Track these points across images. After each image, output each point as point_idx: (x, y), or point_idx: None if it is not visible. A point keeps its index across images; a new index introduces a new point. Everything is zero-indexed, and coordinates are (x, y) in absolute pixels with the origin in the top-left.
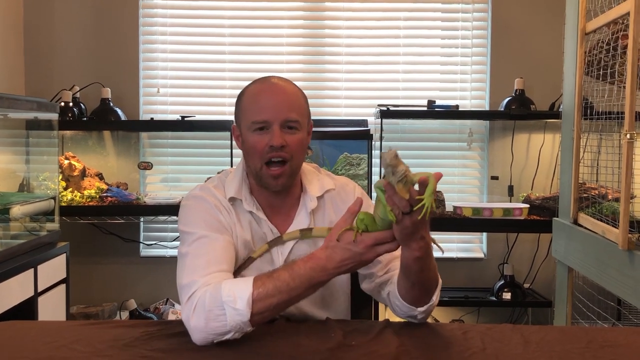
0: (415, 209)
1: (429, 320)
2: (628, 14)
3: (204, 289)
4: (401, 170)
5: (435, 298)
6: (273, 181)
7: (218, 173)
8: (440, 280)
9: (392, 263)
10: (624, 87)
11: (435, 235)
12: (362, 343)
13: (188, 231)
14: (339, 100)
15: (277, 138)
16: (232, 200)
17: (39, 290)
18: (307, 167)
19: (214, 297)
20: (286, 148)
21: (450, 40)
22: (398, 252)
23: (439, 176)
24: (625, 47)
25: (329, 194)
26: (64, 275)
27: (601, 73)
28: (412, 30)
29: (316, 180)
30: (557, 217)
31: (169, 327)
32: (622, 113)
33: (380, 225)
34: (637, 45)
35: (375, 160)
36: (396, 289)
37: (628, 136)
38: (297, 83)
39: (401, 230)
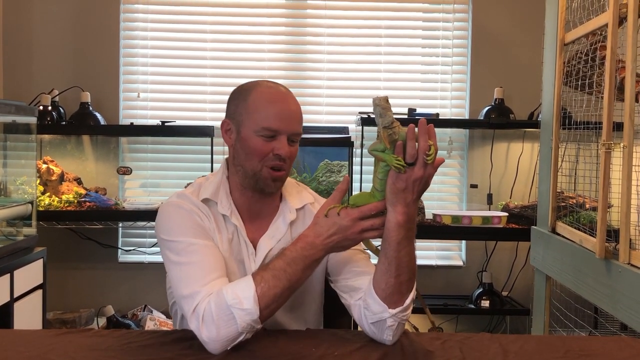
0: (430, 153)
1: (408, 327)
2: (606, 25)
3: (207, 298)
4: (389, 116)
5: (409, 303)
6: (272, 183)
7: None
8: (415, 289)
9: (362, 275)
10: (602, 97)
11: (415, 242)
12: (344, 353)
13: (174, 240)
14: (320, 107)
15: (286, 149)
16: (206, 201)
17: (15, 295)
18: (289, 180)
19: (219, 305)
20: (287, 159)
21: (431, 49)
22: (370, 269)
23: (430, 126)
24: (604, 58)
25: (308, 207)
26: (40, 281)
27: (580, 83)
28: (393, 38)
29: (296, 192)
30: (536, 225)
31: (145, 336)
32: (600, 123)
33: (379, 187)
34: (615, 56)
35: (356, 168)
36: (371, 285)
37: (606, 146)
38: None
39: (394, 184)
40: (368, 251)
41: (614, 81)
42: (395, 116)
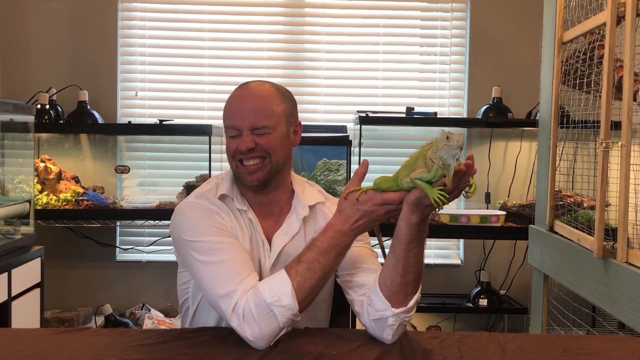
0: (471, 190)
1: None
2: (604, 24)
3: (244, 297)
4: (456, 157)
5: (413, 304)
6: (249, 176)
7: (196, 177)
8: (420, 292)
9: (369, 272)
10: (600, 96)
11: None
12: (342, 352)
13: (199, 240)
14: (318, 105)
15: (245, 143)
16: (223, 197)
17: (13, 294)
18: (298, 177)
19: (258, 304)
20: (257, 148)
21: (429, 48)
22: (377, 267)
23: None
24: (602, 57)
25: (319, 206)
26: (38, 280)
27: (577, 82)
28: (392, 37)
29: (308, 190)
30: (533, 224)
31: (143, 335)
32: (598, 122)
33: (405, 186)
34: (613, 55)
35: (354, 167)
36: (377, 282)
37: (603, 145)
38: None
39: (419, 199)
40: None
41: (612, 80)
42: (394, 115)
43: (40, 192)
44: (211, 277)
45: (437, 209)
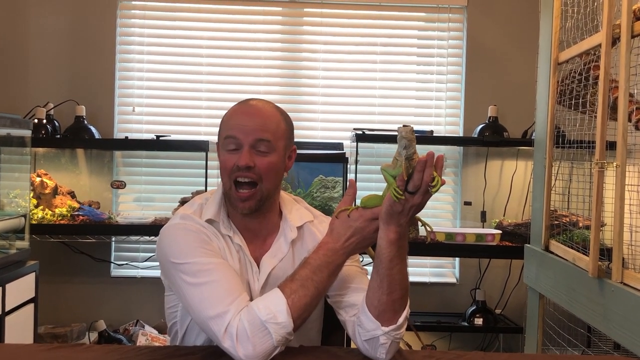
0: (434, 184)
1: (401, 345)
2: (600, 45)
3: (237, 316)
4: (413, 147)
5: (402, 321)
6: (241, 203)
7: (192, 193)
8: (408, 307)
9: (358, 292)
10: (595, 116)
11: (408, 259)
12: None
13: (187, 262)
14: (315, 123)
15: (244, 158)
16: (210, 222)
17: (7, 309)
18: (286, 197)
19: (253, 322)
20: (254, 169)
21: (425, 67)
22: (364, 285)
23: (439, 157)
24: (597, 77)
25: (308, 225)
26: (32, 295)
27: (573, 102)
28: (389, 56)
29: (295, 210)
30: (529, 243)
31: (136, 352)
32: (593, 142)
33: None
34: (608, 76)
35: None
36: (364, 302)
37: (599, 165)
38: None
39: (391, 206)
40: (366, 267)
41: (607, 101)
42: (390, 133)
43: (36, 206)
44: (201, 299)
45: (415, 227)
